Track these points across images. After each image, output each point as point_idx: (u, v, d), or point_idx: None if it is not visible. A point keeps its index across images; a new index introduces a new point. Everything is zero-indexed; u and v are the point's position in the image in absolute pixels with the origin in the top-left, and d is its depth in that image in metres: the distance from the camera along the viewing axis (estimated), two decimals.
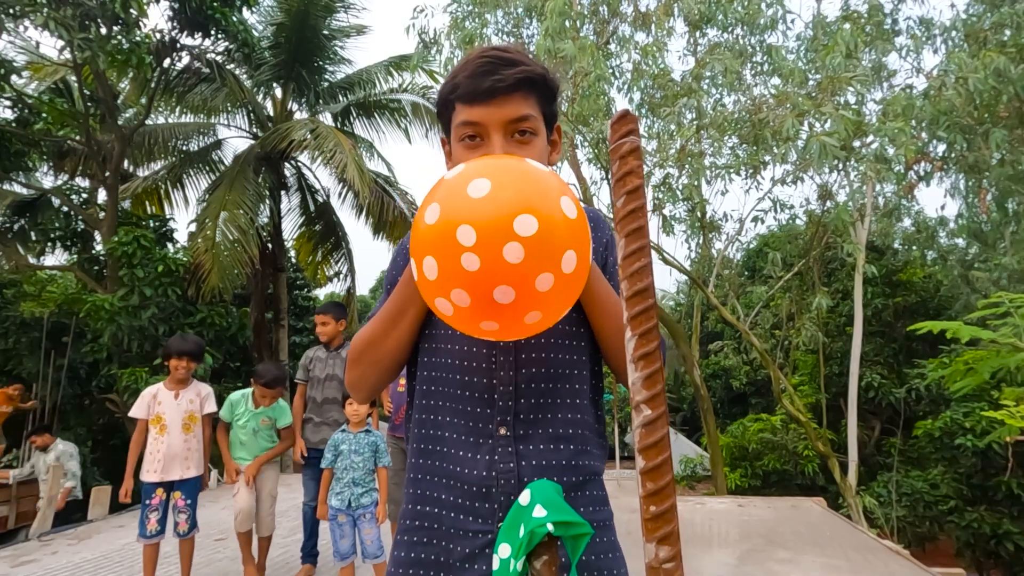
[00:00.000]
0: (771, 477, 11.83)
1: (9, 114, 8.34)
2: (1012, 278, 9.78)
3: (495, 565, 0.67)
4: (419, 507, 0.85)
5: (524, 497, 0.69)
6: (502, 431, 0.82)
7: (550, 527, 0.64)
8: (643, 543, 0.35)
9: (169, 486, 3.30)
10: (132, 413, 3.31)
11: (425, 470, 0.86)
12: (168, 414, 3.31)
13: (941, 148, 8.75)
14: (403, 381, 3.58)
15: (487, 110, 0.83)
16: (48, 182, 10.32)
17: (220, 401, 3.54)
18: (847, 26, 6.81)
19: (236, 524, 3.43)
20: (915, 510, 10.12)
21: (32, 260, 10.08)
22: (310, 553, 3.74)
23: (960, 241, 12.21)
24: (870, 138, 7.07)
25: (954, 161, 8.89)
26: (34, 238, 9.70)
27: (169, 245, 9.50)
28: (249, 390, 3.55)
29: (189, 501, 3.35)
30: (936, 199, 54.07)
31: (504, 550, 0.67)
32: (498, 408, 0.83)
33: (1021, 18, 7.25)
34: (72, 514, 5.72)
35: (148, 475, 3.24)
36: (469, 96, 0.83)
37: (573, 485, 0.84)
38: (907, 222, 12.29)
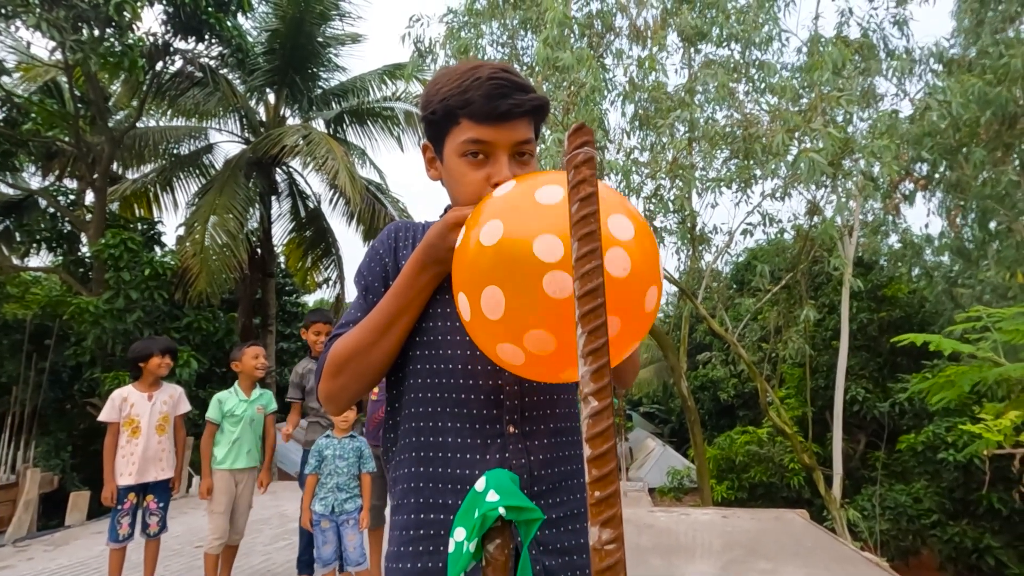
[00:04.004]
0: (757, 489, 11.88)
1: None
2: (995, 293, 9.95)
3: (450, 548, 0.69)
4: (422, 515, 0.83)
5: (480, 484, 0.71)
6: (511, 429, 0.85)
7: (502, 511, 0.66)
8: (588, 526, 0.38)
9: (143, 489, 3.27)
10: (103, 417, 3.22)
11: (427, 477, 0.84)
12: (142, 416, 3.26)
13: (925, 168, 8.93)
14: (375, 389, 3.57)
15: (499, 131, 0.84)
16: (35, 183, 10.24)
17: (205, 406, 3.49)
18: (831, 47, 6.98)
19: (213, 547, 3.32)
20: (898, 523, 10.19)
21: (16, 261, 9.98)
22: (309, 563, 3.69)
23: (945, 258, 12.41)
24: (857, 155, 7.20)
25: (937, 181, 9.08)
26: (19, 239, 9.62)
27: (157, 248, 9.44)
28: (235, 386, 3.48)
29: (162, 504, 3.33)
30: (922, 217, 54.76)
31: (459, 533, 0.69)
32: (506, 408, 0.85)
33: (1000, 46, 7.48)
34: None
35: (121, 479, 3.18)
36: (483, 115, 0.83)
37: (570, 473, 0.88)
38: (893, 238, 12.48)
